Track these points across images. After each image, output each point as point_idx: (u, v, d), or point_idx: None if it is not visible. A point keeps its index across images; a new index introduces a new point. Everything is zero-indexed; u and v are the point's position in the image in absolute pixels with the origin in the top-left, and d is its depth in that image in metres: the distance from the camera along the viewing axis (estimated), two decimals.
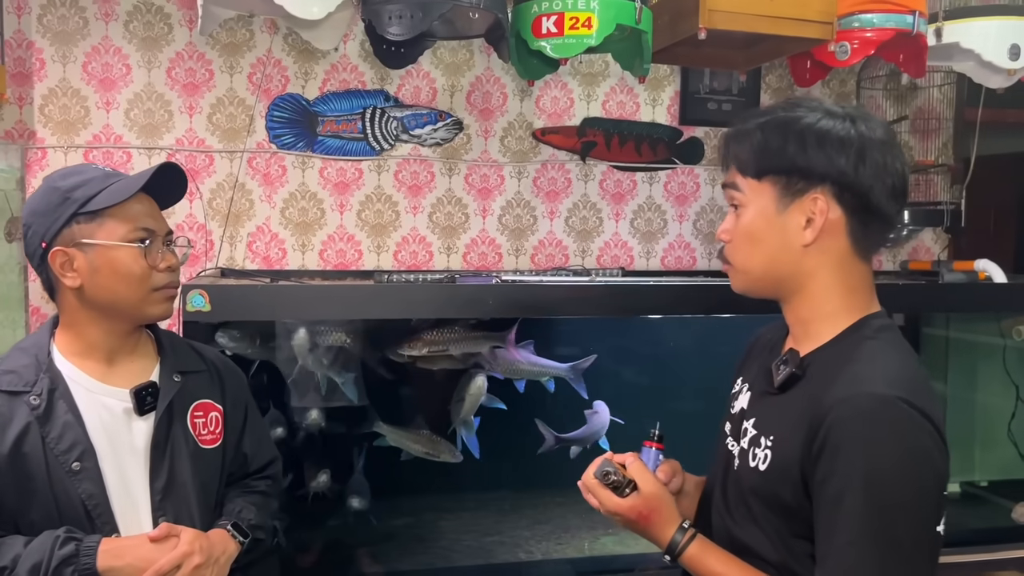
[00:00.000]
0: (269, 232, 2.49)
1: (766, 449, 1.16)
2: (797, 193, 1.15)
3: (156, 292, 1.39)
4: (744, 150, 1.19)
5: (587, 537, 2.40)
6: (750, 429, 1.22)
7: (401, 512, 2.46)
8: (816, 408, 1.09)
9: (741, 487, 1.21)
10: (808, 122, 1.15)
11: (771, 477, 1.14)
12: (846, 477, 1.04)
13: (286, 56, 2.47)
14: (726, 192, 1.25)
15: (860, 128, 1.15)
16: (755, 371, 1.31)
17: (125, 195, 1.34)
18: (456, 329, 2.30)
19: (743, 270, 1.22)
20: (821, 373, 1.15)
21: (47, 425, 1.32)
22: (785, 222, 1.16)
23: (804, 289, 1.19)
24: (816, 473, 1.07)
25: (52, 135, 2.34)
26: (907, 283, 2.49)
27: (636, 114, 2.75)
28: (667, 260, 2.80)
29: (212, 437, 1.48)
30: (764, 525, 1.16)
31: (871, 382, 1.08)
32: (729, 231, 1.23)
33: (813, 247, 1.16)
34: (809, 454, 1.08)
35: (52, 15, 2.32)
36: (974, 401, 2.73)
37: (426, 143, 2.58)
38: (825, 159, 1.13)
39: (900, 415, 1.05)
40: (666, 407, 2.46)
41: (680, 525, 1.21)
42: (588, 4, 1.96)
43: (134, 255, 1.35)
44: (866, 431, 1.04)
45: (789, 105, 1.20)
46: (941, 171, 2.90)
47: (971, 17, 2.33)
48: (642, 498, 1.22)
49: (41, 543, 1.26)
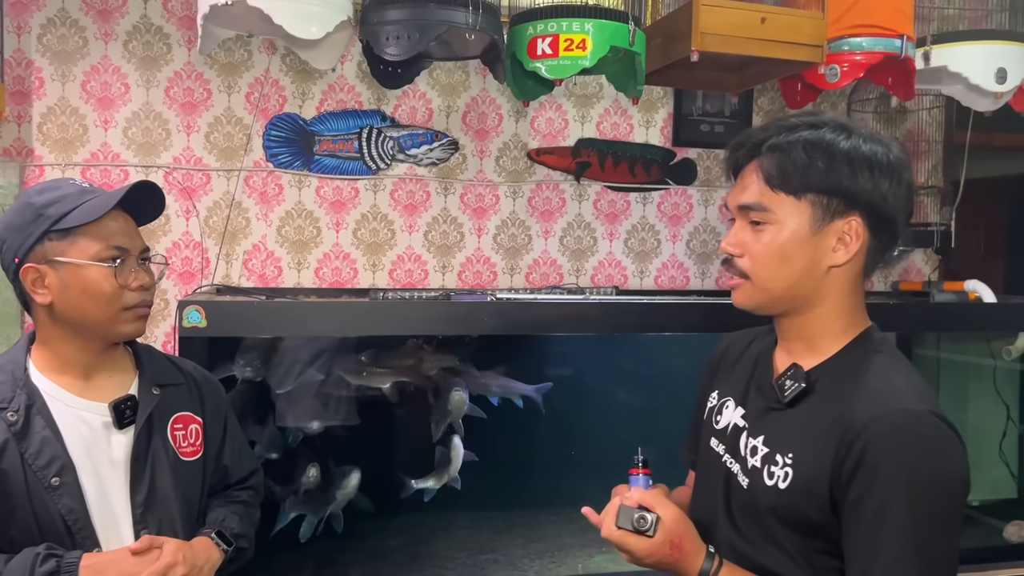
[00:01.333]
0: (265, 250, 2.50)
1: (785, 467, 1.14)
2: (835, 215, 1.15)
3: (127, 311, 1.37)
4: (782, 165, 1.16)
5: (581, 555, 2.40)
6: (760, 447, 1.20)
7: (395, 531, 2.46)
8: (846, 425, 1.09)
9: (755, 506, 1.18)
10: (852, 144, 1.14)
11: (794, 495, 1.13)
12: (887, 494, 1.04)
13: (284, 76, 2.50)
14: (743, 210, 1.20)
15: (894, 153, 1.16)
16: (739, 385, 1.30)
17: (98, 213, 1.33)
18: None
19: (764, 287, 1.19)
20: (834, 388, 1.15)
21: (25, 441, 1.31)
22: (817, 243, 1.15)
23: (817, 308, 1.19)
24: (851, 491, 1.06)
25: (50, 153, 2.35)
26: (898, 303, 2.51)
27: (630, 135, 2.78)
28: (660, 279, 2.82)
29: (192, 449, 1.47)
30: (784, 544, 1.15)
31: (901, 398, 1.09)
32: (741, 245, 1.20)
33: (838, 268, 1.16)
34: (840, 471, 1.08)
35: (52, 34, 2.35)
36: (965, 421, 2.75)
37: (422, 163, 2.60)
38: (871, 185, 1.13)
39: (934, 430, 1.06)
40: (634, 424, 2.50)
41: (707, 551, 1.18)
42: (583, 26, 1.99)
43: (105, 274, 1.34)
44: (904, 447, 1.05)
45: (817, 122, 1.18)
46: (931, 193, 2.93)
47: (958, 41, 2.37)
48: (670, 529, 1.17)
49: (21, 560, 1.25)
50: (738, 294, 1.23)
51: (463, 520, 2.56)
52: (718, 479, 1.27)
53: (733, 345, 1.39)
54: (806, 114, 1.22)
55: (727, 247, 1.22)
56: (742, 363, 1.33)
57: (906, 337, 2.79)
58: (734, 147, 1.24)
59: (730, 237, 1.22)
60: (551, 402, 2.50)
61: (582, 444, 2.58)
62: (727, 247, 1.22)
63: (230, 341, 2.21)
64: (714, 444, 1.31)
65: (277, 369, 2.29)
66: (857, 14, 2.17)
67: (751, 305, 1.22)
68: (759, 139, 1.20)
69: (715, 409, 1.33)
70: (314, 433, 2.31)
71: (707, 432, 1.33)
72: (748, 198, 1.19)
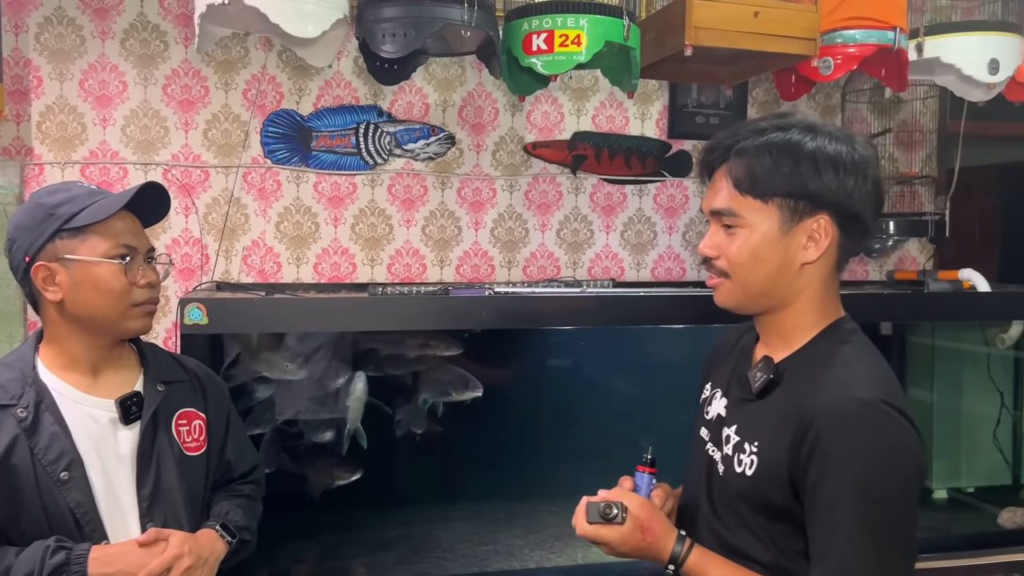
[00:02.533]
0: (264, 246, 2.52)
1: (751, 455, 1.20)
2: (803, 215, 1.19)
3: (136, 307, 1.41)
4: (749, 170, 1.20)
5: (580, 546, 2.42)
6: (732, 436, 1.25)
7: (395, 522, 2.48)
8: (801, 414, 1.13)
9: (728, 492, 1.24)
10: (817, 146, 1.18)
11: (759, 481, 1.19)
12: (839, 480, 1.08)
13: (280, 72, 2.51)
14: (715, 215, 1.25)
15: (859, 151, 1.19)
16: (725, 377, 1.35)
17: (108, 212, 1.37)
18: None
19: (743, 287, 1.24)
20: (798, 378, 1.20)
21: (34, 437, 1.34)
22: (788, 242, 1.20)
23: (793, 303, 1.23)
24: (808, 478, 1.11)
25: (49, 151, 2.37)
26: (893, 292, 2.53)
27: (625, 128, 2.79)
28: (657, 271, 2.84)
29: (196, 444, 1.51)
30: (754, 528, 1.20)
31: (852, 387, 1.13)
32: (717, 247, 1.24)
33: (810, 264, 1.21)
34: (798, 458, 1.13)
35: (49, 33, 2.35)
36: (960, 408, 2.77)
37: (419, 157, 2.61)
38: (836, 185, 1.17)
39: (881, 416, 1.10)
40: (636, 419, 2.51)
41: (678, 535, 1.24)
42: (577, 22, 2.00)
43: (114, 271, 1.38)
44: (853, 435, 1.09)
45: (784, 124, 1.22)
46: (925, 182, 2.95)
47: (951, 33, 2.38)
48: (636, 515, 1.24)
49: (32, 553, 1.29)
50: (719, 294, 1.28)
51: (463, 511, 2.58)
52: (703, 466, 1.33)
53: (727, 339, 1.44)
54: (776, 115, 1.26)
55: (704, 250, 1.27)
56: (731, 356, 1.38)
57: (901, 326, 2.81)
58: (707, 151, 1.29)
59: (707, 240, 1.27)
60: (552, 393, 2.51)
61: (581, 435, 2.60)
62: (704, 250, 1.27)
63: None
64: (703, 433, 1.36)
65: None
66: (850, 7, 2.18)
67: (732, 303, 1.27)
68: (728, 143, 1.24)
69: (707, 400, 1.38)
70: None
71: (699, 421, 1.38)
72: (719, 203, 1.24)
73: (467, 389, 2.41)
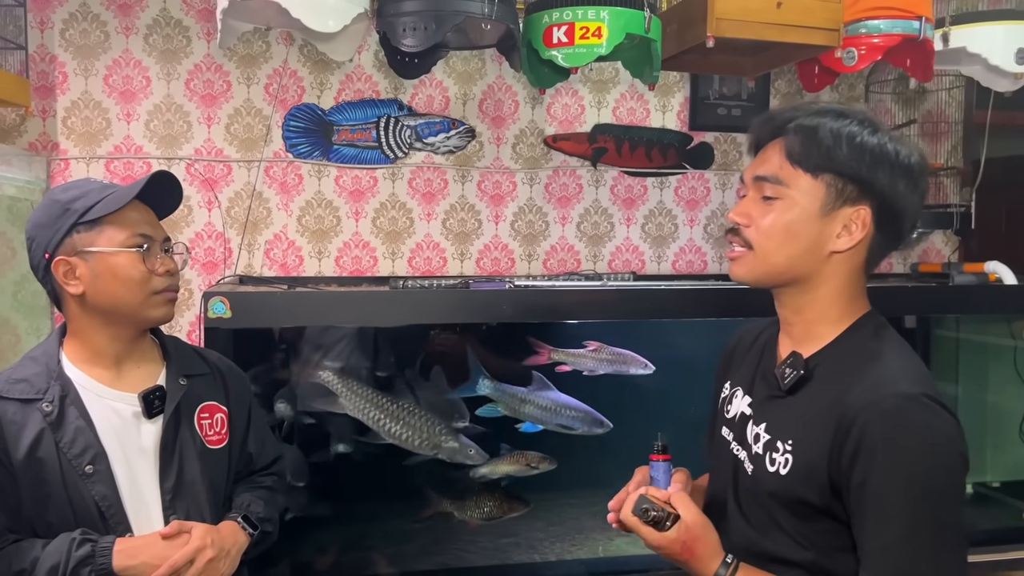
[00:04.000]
0: (286, 239, 2.53)
1: (785, 453, 1.18)
2: (847, 200, 1.17)
3: (156, 295, 1.42)
4: (806, 143, 1.18)
5: (601, 539, 2.43)
6: (762, 434, 1.23)
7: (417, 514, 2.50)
8: (841, 411, 1.12)
9: (759, 492, 1.22)
10: (879, 140, 1.17)
11: (794, 480, 1.16)
12: (887, 477, 1.07)
13: (302, 67, 2.52)
14: (758, 181, 1.22)
15: (915, 158, 1.19)
16: (747, 375, 1.33)
17: (122, 202, 1.38)
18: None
19: (765, 260, 1.21)
20: (831, 374, 1.18)
21: (60, 431, 1.36)
22: (824, 225, 1.18)
23: (814, 291, 1.21)
24: (853, 476, 1.10)
25: (75, 146, 2.39)
26: (918, 285, 2.51)
27: (646, 120, 2.78)
28: (678, 264, 2.83)
29: (218, 437, 1.52)
30: (786, 527, 1.18)
31: (894, 382, 1.12)
32: (747, 216, 1.22)
33: (839, 255, 1.19)
34: (840, 456, 1.11)
35: (74, 29, 2.38)
36: (985, 402, 2.74)
37: (439, 151, 2.62)
38: (888, 180, 1.16)
39: (926, 410, 1.09)
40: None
41: (724, 560, 1.19)
42: (598, 14, 1.99)
43: (133, 260, 1.39)
44: (898, 430, 1.08)
45: (846, 111, 1.20)
46: (951, 174, 2.91)
47: (977, 22, 2.34)
48: (685, 529, 1.20)
49: (58, 545, 1.31)
50: (738, 266, 1.25)
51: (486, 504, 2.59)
52: (728, 466, 1.30)
53: (744, 337, 1.42)
54: (834, 104, 1.25)
55: (734, 216, 1.24)
56: (751, 353, 1.36)
57: (925, 319, 2.78)
58: (759, 123, 1.26)
59: (738, 207, 1.24)
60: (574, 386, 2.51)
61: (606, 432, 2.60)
62: (734, 216, 1.24)
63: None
64: (725, 432, 1.34)
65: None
66: None
67: (751, 277, 1.24)
68: (786, 117, 1.22)
69: (727, 399, 1.36)
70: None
71: (719, 421, 1.37)
72: (766, 170, 1.21)
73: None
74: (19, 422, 1.36)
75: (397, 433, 2.27)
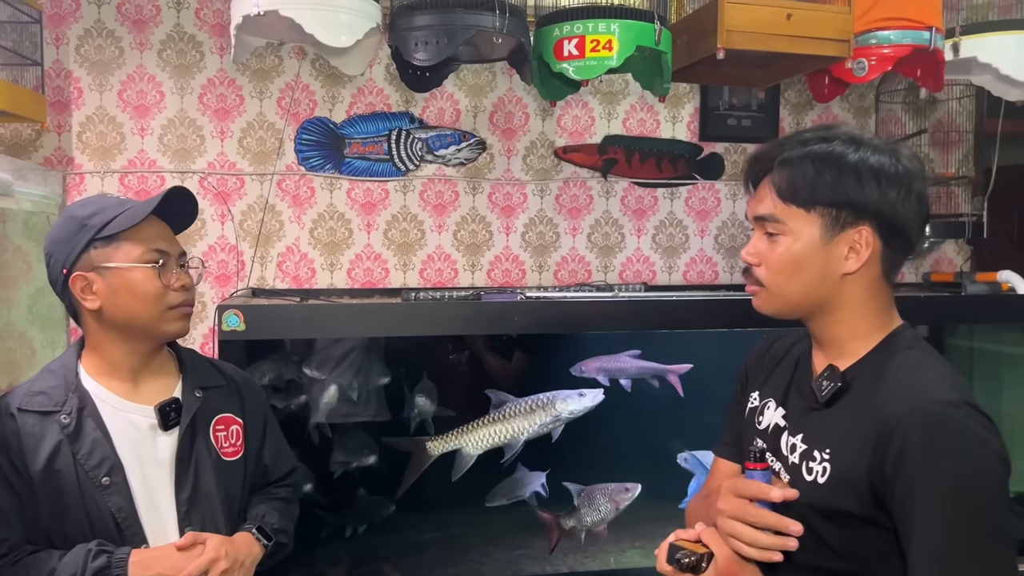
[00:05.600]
0: (299, 252, 2.55)
1: (823, 463, 1.18)
2: (845, 225, 1.19)
3: (172, 310, 1.44)
4: (792, 179, 1.21)
5: (613, 551, 2.42)
6: (799, 444, 1.23)
7: (430, 525, 2.50)
8: (882, 419, 1.12)
9: (795, 502, 1.21)
10: (859, 157, 1.19)
11: (832, 489, 1.16)
12: (932, 484, 1.07)
13: (314, 81, 2.54)
14: (759, 220, 1.25)
15: (903, 163, 1.19)
16: (780, 387, 1.33)
17: (138, 218, 1.40)
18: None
19: (780, 295, 1.24)
20: (868, 385, 1.18)
21: (77, 442, 1.37)
22: (829, 252, 1.20)
23: (838, 312, 1.23)
24: (896, 484, 1.10)
25: (90, 161, 2.42)
26: (930, 295, 2.50)
27: (656, 131, 2.78)
28: (689, 275, 2.83)
29: (234, 449, 1.53)
30: (826, 537, 1.18)
31: (934, 390, 1.12)
32: (758, 255, 1.25)
33: (851, 275, 1.20)
34: (882, 465, 1.11)
35: (89, 45, 2.40)
36: (999, 412, 2.72)
37: (450, 163, 2.63)
38: (878, 195, 1.18)
39: (968, 417, 1.09)
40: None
41: None
42: (609, 27, 2.01)
43: (149, 275, 1.41)
44: (941, 437, 1.08)
45: (828, 136, 1.23)
46: (962, 183, 2.91)
47: (988, 32, 2.35)
48: (722, 568, 1.19)
49: (74, 556, 1.32)
50: (757, 300, 1.29)
51: (497, 515, 2.59)
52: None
53: (775, 347, 1.42)
54: (820, 128, 1.27)
55: (745, 256, 1.28)
56: (783, 365, 1.37)
57: (938, 329, 2.77)
58: (752, 161, 1.30)
59: (749, 247, 1.28)
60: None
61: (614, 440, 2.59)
62: (745, 256, 1.28)
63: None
64: (759, 445, 1.33)
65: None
66: (884, 7, 2.16)
67: (770, 311, 1.28)
68: (773, 154, 1.25)
69: (757, 410, 1.37)
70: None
71: (749, 432, 1.37)
72: (763, 210, 1.25)
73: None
74: (37, 434, 1.37)
75: (516, 428, 2.30)
